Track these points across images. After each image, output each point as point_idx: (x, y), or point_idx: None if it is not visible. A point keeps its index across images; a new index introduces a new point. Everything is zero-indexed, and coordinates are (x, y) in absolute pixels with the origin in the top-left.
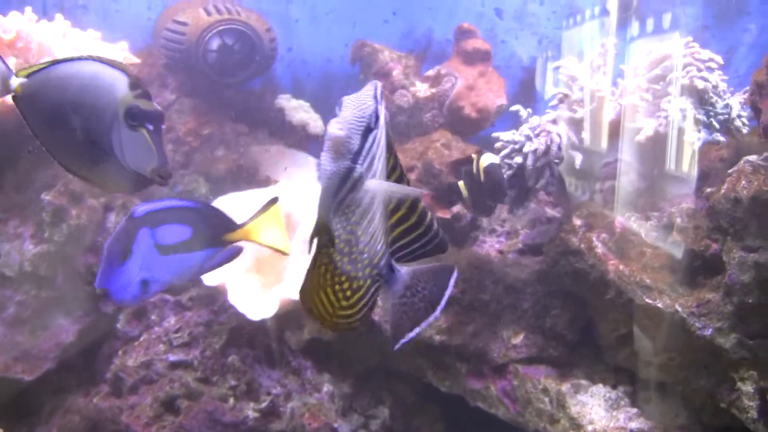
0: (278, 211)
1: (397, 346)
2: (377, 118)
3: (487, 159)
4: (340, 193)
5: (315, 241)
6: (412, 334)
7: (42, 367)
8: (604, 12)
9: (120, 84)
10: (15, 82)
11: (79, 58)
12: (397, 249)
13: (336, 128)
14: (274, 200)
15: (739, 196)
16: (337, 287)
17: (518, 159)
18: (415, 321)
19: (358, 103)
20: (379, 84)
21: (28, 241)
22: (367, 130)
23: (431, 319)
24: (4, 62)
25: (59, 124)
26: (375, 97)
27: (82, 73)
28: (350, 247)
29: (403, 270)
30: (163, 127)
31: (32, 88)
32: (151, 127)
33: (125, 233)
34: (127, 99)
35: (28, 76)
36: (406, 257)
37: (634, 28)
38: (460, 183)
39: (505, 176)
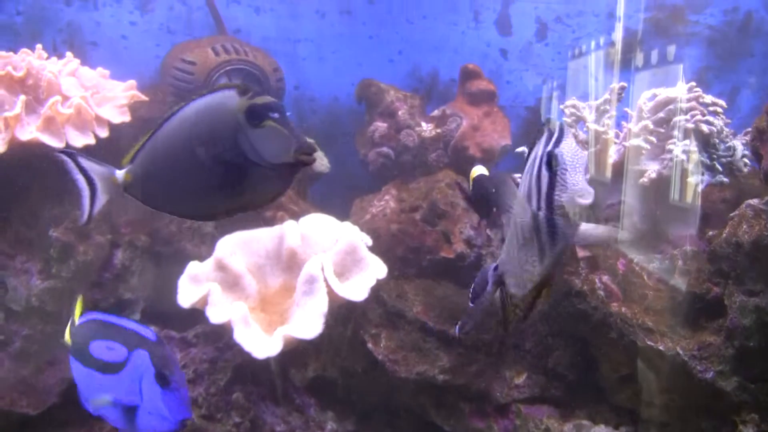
0: None
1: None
2: None
3: (477, 170)
4: None
5: None
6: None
7: (47, 402)
8: (608, 55)
9: (229, 98)
10: (120, 175)
11: (175, 113)
12: None
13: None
14: None
15: (740, 241)
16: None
17: None
18: None
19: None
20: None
21: (36, 277)
22: None
23: None
24: (100, 163)
25: (183, 185)
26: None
27: (183, 120)
28: None
29: None
30: (288, 113)
31: (139, 170)
32: (276, 116)
33: None
34: (242, 105)
35: (130, 161)
36: None
37: (639, 61)
38: None
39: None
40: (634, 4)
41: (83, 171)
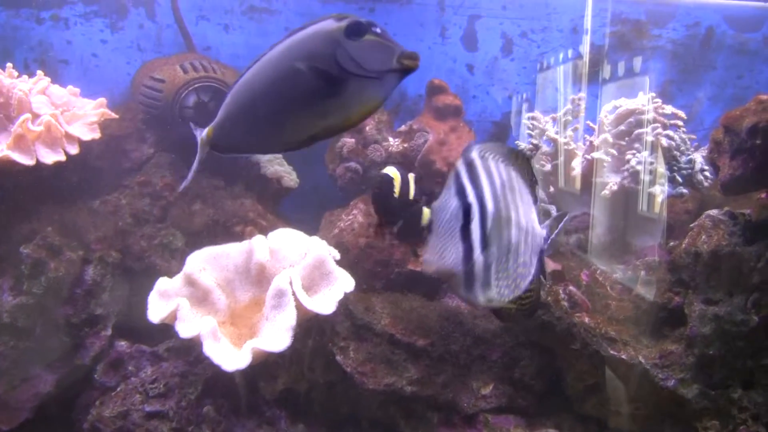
0: None
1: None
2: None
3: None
4: None
5: None
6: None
7: (20, 417)
8: (574, 69)
9: (325, 23)
10: (204, 130)
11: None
12: None
13: None
14: None
15: (700, 251)
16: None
17: None
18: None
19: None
20: (462, 170)
21: (7, 293)
22: None
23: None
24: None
25: (278, 111)
26: (457, 193)
27: (275, 54)
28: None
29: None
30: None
31: (222, 119)
32: (377, 30)
33: None
34: (340, 26)
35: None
36: None
37: (605, 75)
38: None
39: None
40: (598, 20)
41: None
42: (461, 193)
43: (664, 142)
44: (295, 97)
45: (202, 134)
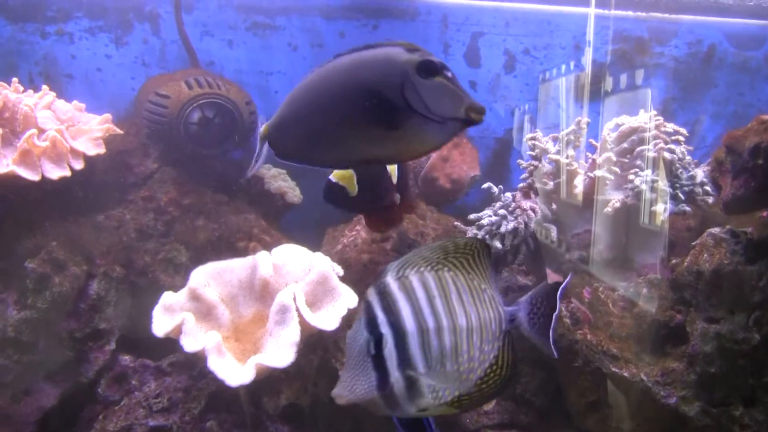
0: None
1: (557, 353)
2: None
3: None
4: None
5: None
6: (553, 335)
7: (23, 431)
8: (577, 85)
9: (396, 52)
10: (262, 127)
11: (334, 57)
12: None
13: None
14: None
15: (701, 269)
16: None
17: (497, 244)
18: (547, 329)
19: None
20: (373, 298)
21: (12, 307)
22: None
23: (555, 319)
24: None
25: (333, 126)
26: (367, 324)
27: (338, 68)
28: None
29: (521, 305)
30: (450, 74)
31: (278, 120)
32: (448, 74)
33: None
34: (413, 58)
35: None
36: None
37: (607, 91)
38: None
39: None
40: (600, 37)
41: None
42: (371, 324)
43: (667, 155)
44: (354, 119)
45: (261, 129)
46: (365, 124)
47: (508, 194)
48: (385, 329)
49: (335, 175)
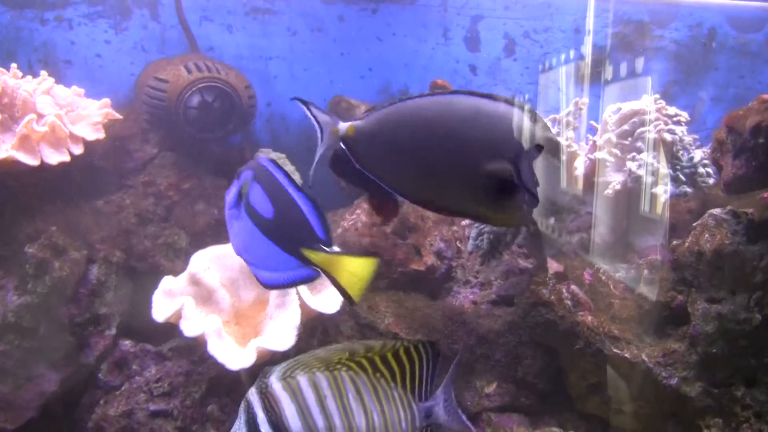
0: (372, 268)
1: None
2: None
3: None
4: None
5: None
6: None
7: (24, 417)
8: (577, 69)
9: (519, 119)
10: (343, 127)
11: (452, 93)
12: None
13: None
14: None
15: (702, 250)
16: None
17: None
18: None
19: None
20: (254, 398)
21: (12, 293)
22: None
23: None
24: (326, 113)
25: (421, 166)
26: (247, 423)
27: (447, 108)
28: None
29: (437, 398)
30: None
31: (369, 129)
32: (564, 158)
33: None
34: (535, 131)
35: (360, 118)
36: None
37: (608, 75)
38: None
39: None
40: (601, 20)
41: (315, 117)
42: (251, 423)
43: (668, 137)
44: (460, 175)
45: (337, 124)
46: (469, 183)
47: None
48: (265, 429)
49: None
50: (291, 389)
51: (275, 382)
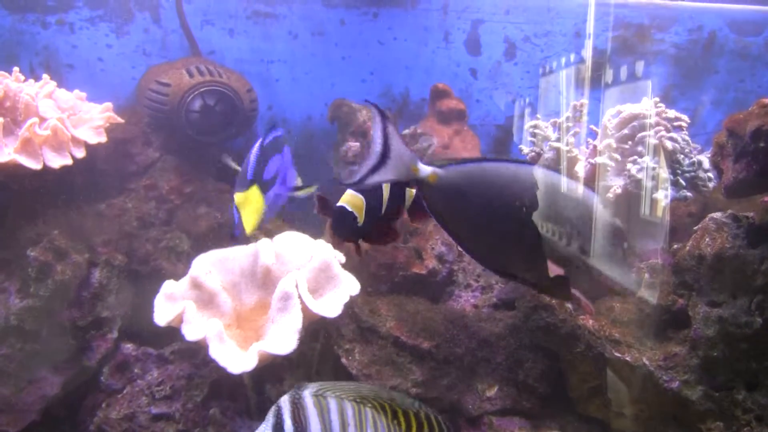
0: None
1: None
2: None
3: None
4: None
5: None
6: None
7: (26, 420)
8: (577, 73)
9: (593, 202)
10: (425, 170)
11: (535, 165)
12: None
13: None
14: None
15: (703, 253)
16: None
17: None
18: None
19: None
20: (285, 405)
21: (14, 296)
22: None
23: None
24: (406, 144)
25: (485, 224)
26: (274, 427)
27: (539, 182)
28: None
29: None
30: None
31: (451, 181)
32: (626, 246)
33: None
34: (605, 218)
35: (442, 166)
36: None
37: (608, 79)
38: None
39: None
40: (601, 24)
41: (386, 137)
42: (278, 429)
43: (668, 144)
44: (523, 240)
45: (416, 162)
46: (533, 255)
47: None
48: None
49: (348, 202)
50: (320, 407)
51: (308, 397)
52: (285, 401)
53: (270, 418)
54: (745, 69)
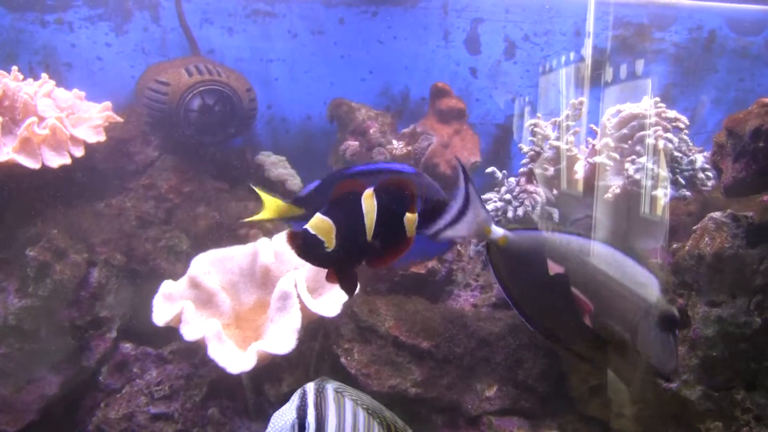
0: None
1: None
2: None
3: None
4: None
5: None
6: None
7: (25, 419)
8: (577, 72)
9: (653, 286)
10: (497, 231)
11: (606, 246)
12: None
13: None
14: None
15: (703, 253)
16: None
17: None
18: None
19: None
20: (310, 390)
21: (13, 296)
22: None
23: None
24: (484, 206)
25: (545, 293)
26: (298, 408)
27: (604, 262)
28: None
29: None
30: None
31: (517, 246)
32: (677, 333)
33: None
34: (661, 303)
35: (513, 231)
36: None
37: (608, 78)
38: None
39: None
40: (601, 23)
41: (467, 195)
42: (302, 410)
43: (666, 143)
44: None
45: (490, 223)
46: (590, 333)
47: (512, 179)
48: (311, 419)
49: (313, 226)
50: (339, 404)
51: (330, 390)
52: (310, 388)
53: (295, 399)
54: (745, 68)
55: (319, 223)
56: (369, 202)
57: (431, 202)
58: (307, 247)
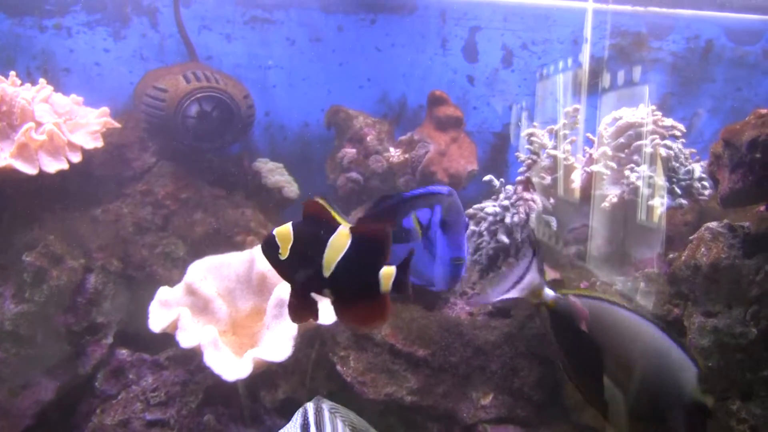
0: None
1: None
2: None
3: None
4: None
5: None
6: None
7: (21, 425)
8: (574, 80)
9: (691, 373)
10: (548, 294)
11: (652, 324)
12: None
13: None
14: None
15: (699, 263)
16: None
17: (503, 238)
18: None
19: None
20: (310, 410)
21: (9, 301)
22: None
23: None
24: (542, 267)
25: (589, 356)
26: (302, 427)
27: (653, 342)
28: None
29: None
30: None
31: (566, 313)
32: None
33: None
34: (696, 393)
35: (564, 295)
36: None
37: (605, 86)
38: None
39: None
40: (598, 32)
41: (530, 264)
42: (305, 428)
43: (663, 152)
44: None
45: (543, 287)
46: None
47: (509, 187)
48: None
49: (277, 231)
50: (334, 424)
51: (326, 410)
52: (311, 406)
53: (298, 417)
54: (742, 77)
55: (282, 229)
56: (338, 240)
57: (448, 224)
58: (266, 245)
